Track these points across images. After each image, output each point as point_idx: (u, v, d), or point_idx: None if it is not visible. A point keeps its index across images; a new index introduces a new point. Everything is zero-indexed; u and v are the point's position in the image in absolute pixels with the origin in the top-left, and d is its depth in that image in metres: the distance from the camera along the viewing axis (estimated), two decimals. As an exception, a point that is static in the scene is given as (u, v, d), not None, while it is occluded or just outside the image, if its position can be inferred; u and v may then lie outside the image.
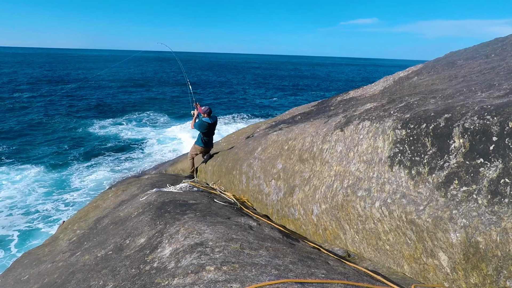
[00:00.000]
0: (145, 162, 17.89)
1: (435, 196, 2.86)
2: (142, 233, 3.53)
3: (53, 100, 35.11)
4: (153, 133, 24.47)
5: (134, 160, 18.69)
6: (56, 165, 17.45)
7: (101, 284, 2.68)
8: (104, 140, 22.53)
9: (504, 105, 2.86)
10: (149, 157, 19.11)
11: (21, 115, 28.24)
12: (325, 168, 4.32)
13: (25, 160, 17.98)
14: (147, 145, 21.63)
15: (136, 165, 17.52)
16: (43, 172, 16.37)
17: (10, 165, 17.14)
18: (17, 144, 20.87)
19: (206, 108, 7.39)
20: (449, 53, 8.42)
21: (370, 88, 8.19)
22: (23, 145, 20.76)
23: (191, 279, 2.19)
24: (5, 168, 16.65)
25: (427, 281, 2.82)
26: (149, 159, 18.54)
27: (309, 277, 2.25)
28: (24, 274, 4.08)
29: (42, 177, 15.81)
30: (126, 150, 20.45)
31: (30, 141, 21.69)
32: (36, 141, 21.69)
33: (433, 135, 3.16)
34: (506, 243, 2.27)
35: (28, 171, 16.32)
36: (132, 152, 20.14)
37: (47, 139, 22.31)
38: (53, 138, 22.63)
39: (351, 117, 4.61)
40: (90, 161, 18.18)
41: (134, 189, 6.40)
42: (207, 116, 7.37)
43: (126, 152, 20.07)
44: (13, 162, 17.54)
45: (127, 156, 19.35)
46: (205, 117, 7.37)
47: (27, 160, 17.99)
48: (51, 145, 20.93)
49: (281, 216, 4.79)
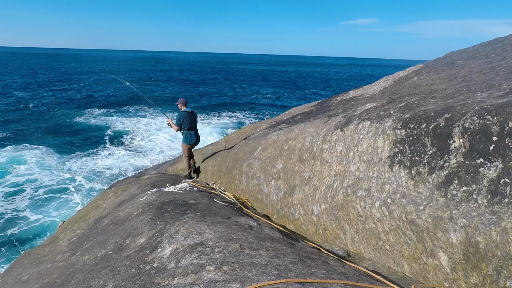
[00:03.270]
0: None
1: (435, 196, 2.86)
2: (142, 233, 3.53)
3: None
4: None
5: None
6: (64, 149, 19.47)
7: (101, 284, 2.68)
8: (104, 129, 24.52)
9: (504, 105, 2.86)
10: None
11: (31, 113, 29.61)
12: (325, 168, 4.32)
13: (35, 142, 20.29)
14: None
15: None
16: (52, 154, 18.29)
17: (16, 146, 19.14)
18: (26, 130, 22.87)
19: (181, 100, 7.44)
20: (449, 53, 8.41)
21: (370, 88, 8.19)
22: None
23: (191, 279, 2.19)
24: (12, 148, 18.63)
25: (427, 281, 2.82)
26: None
27: (309, 277, 2.25)
28: (24, 274, 4.08)
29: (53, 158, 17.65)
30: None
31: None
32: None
33: (433, 135, 3.16)
34: (506, 243, 2.27)
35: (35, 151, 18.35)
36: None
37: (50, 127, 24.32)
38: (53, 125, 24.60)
39: (351, 117, 4.61)
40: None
41: (134, 189, 6.40)
42: (184, 107, 7.39)
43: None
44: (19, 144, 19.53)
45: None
46: (183, 109, 7.37)
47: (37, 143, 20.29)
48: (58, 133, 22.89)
49: (281, 216, 4.79)
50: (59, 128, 24.33)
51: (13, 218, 11.77)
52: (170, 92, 45.08)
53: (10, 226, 11.29)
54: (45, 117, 27.45)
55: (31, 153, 18.13)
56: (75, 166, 16.83)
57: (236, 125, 26.60)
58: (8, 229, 11.11)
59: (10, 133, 22.33)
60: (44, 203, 12.94)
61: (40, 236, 10.72)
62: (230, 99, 41.26)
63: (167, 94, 42.99)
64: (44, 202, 13.07)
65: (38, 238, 10.67)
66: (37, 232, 11.02)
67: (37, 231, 11.11)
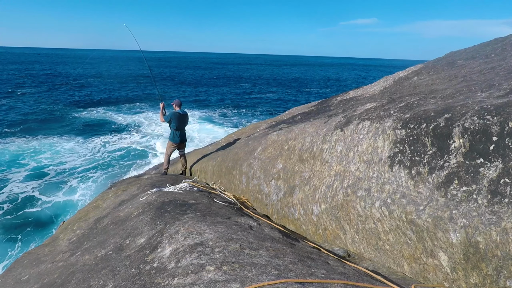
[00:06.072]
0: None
1: (435, 196, 2.86)
2: (142, 233, 3.53)
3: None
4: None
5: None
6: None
7: (101, 284, 2.68)
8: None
9: (504, 105, 2.86)
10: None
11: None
12: (325, 168, 4.32)
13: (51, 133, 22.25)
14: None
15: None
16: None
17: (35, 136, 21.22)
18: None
19: (176, 101, 7.74)
20: (449, 53, 8.41)
21: (370, 88, 8.19)
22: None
23: (191, 279, 2.19)
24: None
25: (427, 281, 2.82)
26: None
27: (309, 277, 2.25)
28: (24, 274, 4.08)
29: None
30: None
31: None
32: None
33: (433, 135, 3.16)
34: (506, 243, 2.27)
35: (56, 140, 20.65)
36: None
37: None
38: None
39: (351, 117, 4.61)
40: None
41: (134, 189, 6.40)
42: (178, 108, 7.64)
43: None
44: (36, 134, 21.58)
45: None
46: (176, 109, 7.64)
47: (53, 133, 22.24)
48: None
49: (281, 216, 4.79)
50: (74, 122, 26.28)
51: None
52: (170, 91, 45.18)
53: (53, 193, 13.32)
54: (56, 112, 29.23)
55: (60, 143, 20.40)
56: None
57: (236, 125, 26.62)
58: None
59: (23, 125, 23.97)
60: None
61: (41, 234, 10.99)
62: (230, 99, 41.26)
63: (167, 93, 43.15)
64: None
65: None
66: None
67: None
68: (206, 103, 37.09)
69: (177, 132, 7.70)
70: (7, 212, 12.16)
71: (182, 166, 8.41)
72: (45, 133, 22.31)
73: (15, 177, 15.01)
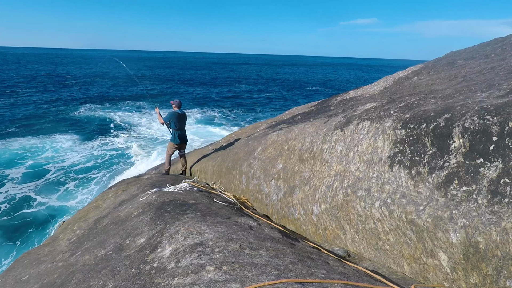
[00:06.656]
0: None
1: (435, 196, 2.86)
2: (142, 233, 3.52)
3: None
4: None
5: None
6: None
7: (101, 284, 2.68)
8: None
9: (504, 105, 2.86)
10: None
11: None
12: (325, 168, 4.32)
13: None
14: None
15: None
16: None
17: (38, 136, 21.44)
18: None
19: (176, 101, 7.78)
20: (449, 53, 8.41)
21: (370, 88, 8.18)
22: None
23: (191, 279, 2.19)
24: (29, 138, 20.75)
25: (427, 281, 2.82)
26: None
27: (309, 277, 2.25)
28: (24, 274, 4.08)
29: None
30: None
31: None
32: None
33: (433, 135, 3.16)
34: (506, 243, 2.27)
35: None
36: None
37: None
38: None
39: (351, 117, 4.61)
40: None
41: (134, 189, 6.40)
42: (177, 108, 7.67)
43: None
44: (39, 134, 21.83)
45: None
46: (175, 109, 7.67)
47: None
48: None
49: (281, 216, 4.79)
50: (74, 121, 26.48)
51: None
52: (169, 91, 45.23)
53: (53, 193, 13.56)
54: (57, 113, 29.41)
55: (61, 140, 20.79)
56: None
57: (236, 125, 26.63)
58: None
59: (21, 126, 24.09)
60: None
61: (41, 235, 10.98)
62: (230, 99, 41.26)
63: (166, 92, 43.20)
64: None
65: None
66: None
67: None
68: (206, 103, 37.10)
69: (178, 133, 7.72)
70: (5, 212, 12.16)
71: (182, 166, 8.42)
72: (45, 132, 22.39)
73: (14, 176, 15.03)
